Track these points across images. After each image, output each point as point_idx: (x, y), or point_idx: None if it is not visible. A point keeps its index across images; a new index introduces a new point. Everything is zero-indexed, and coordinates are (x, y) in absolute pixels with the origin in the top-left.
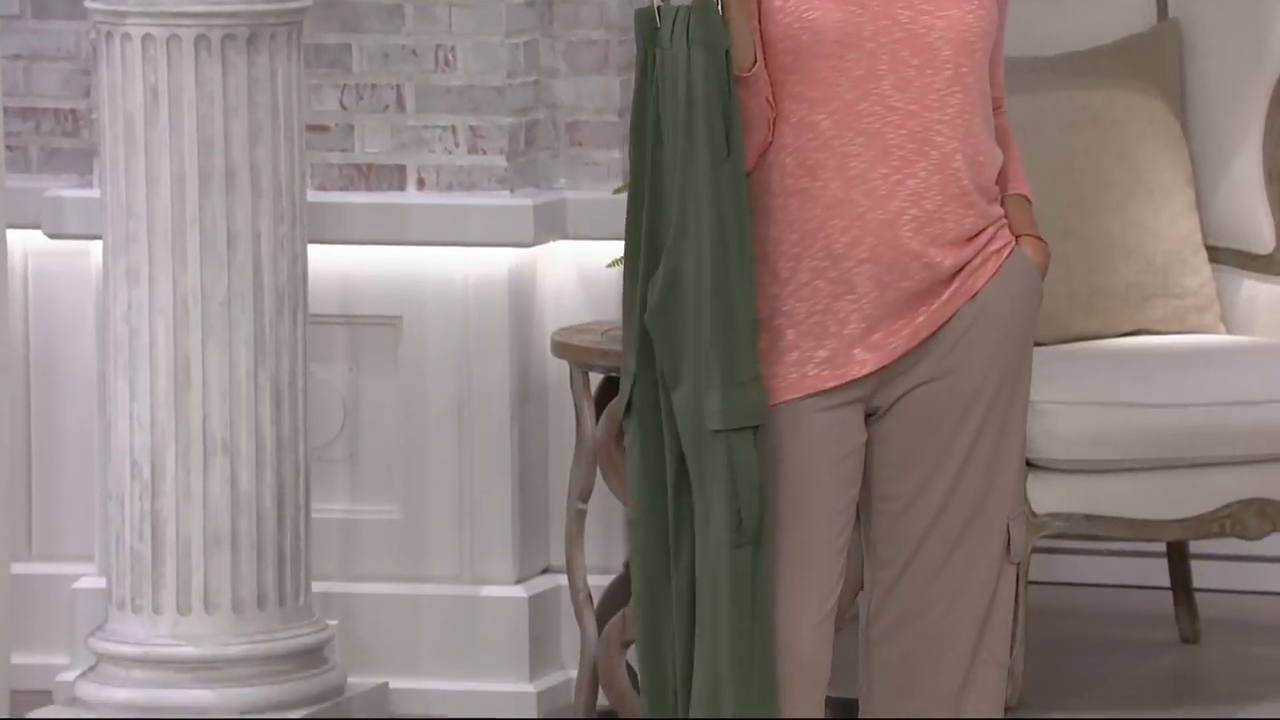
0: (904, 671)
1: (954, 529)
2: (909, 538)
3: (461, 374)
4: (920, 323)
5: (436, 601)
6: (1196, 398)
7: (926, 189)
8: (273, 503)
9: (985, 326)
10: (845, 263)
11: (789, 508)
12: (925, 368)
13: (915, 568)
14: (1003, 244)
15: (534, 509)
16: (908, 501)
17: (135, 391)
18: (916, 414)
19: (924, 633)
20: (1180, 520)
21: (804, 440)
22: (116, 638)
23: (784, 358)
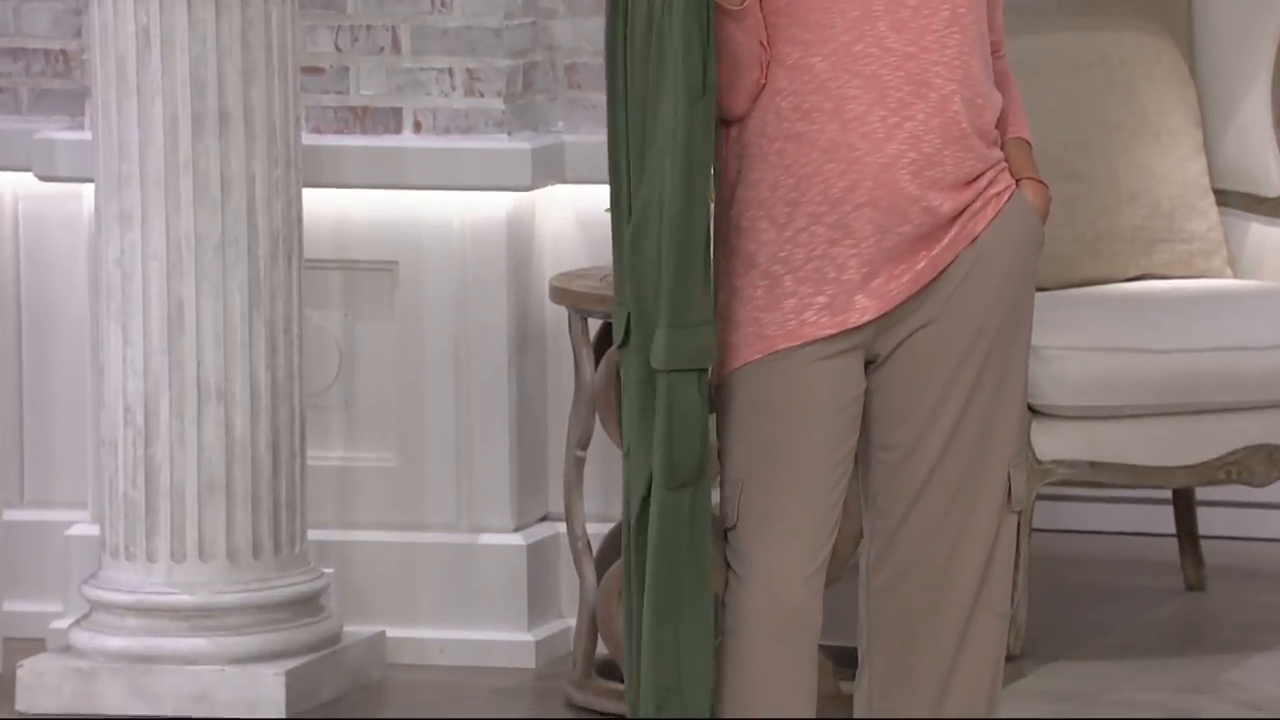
0: (904, 622)
1: (954, 477)
2: (909, 487)
3: (459, 320)
4: (920, 268)
5: (433, 549)
6: (1203, 343)
7: (925, 132)
8: (267, 449)
9: (985, 271)
10: (843, 207)
11: (784, 458)
12: (925, 312)
13: (915, 517)
14: (1003, 187)
15: (532, 456)
16: (907, 450)
17: (128, 337)
18: (916, 359)
19: (925, 583)
20: (1186, 467)
21: (803, 390)
22: (110, 585)
23: (782, 304)
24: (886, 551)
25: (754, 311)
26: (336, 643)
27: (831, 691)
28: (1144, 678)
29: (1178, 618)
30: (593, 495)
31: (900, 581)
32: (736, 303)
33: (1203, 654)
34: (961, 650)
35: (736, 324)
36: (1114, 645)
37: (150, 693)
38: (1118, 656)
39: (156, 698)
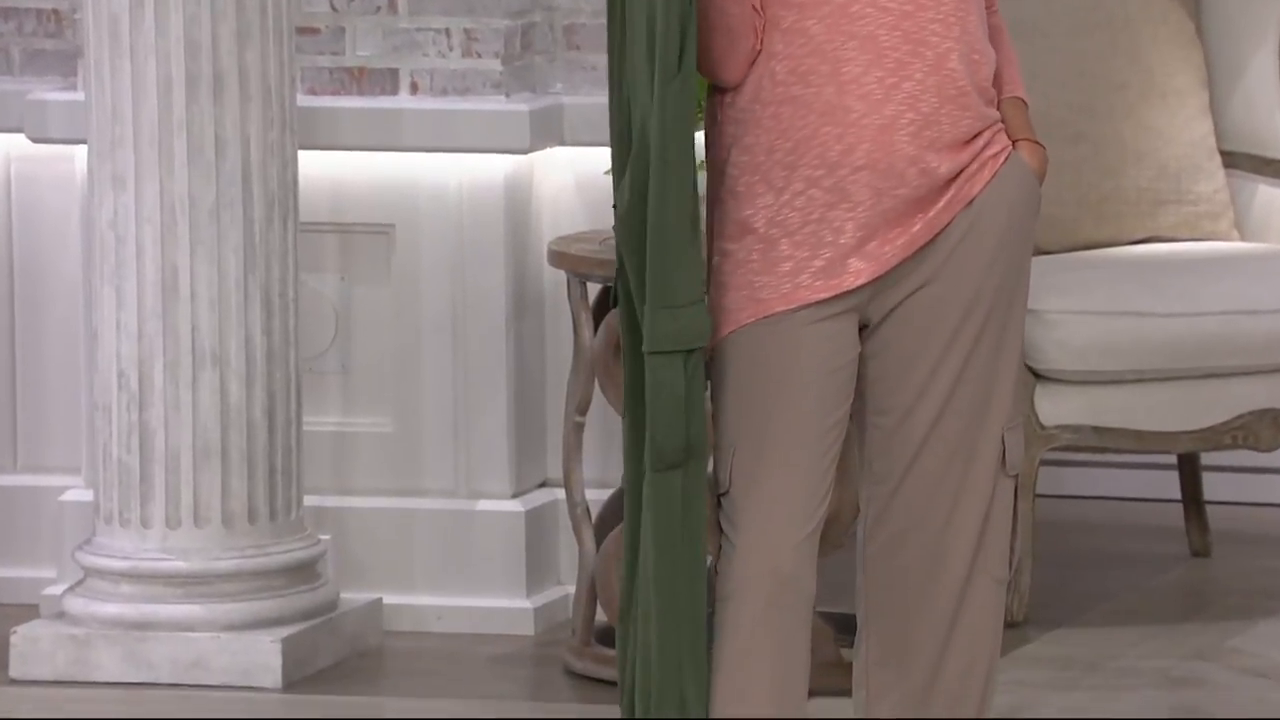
0: (901, 588)
1: (950, 440)
2: (905, 450)
3: (456, 283)
4: (916, 231)
5: (431, 516)
6: (1209, 306)
7: (922, 91)
8: (263, 415)
9: (982, 233)
10: (841, 170)
11: (778, 423)
12: (920, 275)
13: (911, 481)
14: (999, 148)
15: (530, 421)
16: (903, 414)
17: (122, 301)
18: (911, 323)
19: (921, 548)
20: (1191, 432)
21: (797, 353)
22: (104, 551)
23: (778, 268)
24: (883, 516)
25: (748, 275)
26: (333, 610)
27: (832, 659)
28: (1148, 644)
29: (1182, 584)
30: (592, 461)
31: (897, 547)
32: (730, 266)
33: (1208, 620)
34: (959, 616)
35: (730, 288)
36: (1118, 611)
37: (145, 660)
38: (1122, 623)
39: (151, 665)
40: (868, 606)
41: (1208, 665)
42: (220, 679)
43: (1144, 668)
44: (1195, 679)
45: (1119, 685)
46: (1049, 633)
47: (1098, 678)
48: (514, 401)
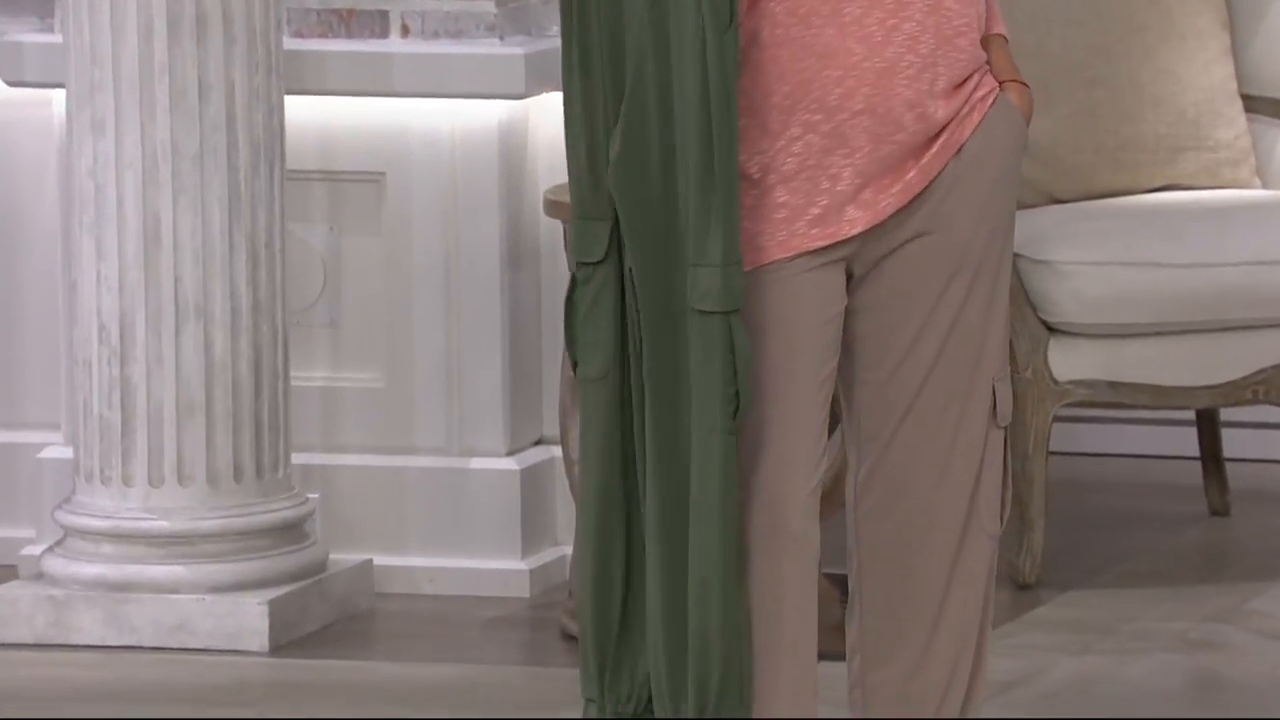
0: (895, 548)
1: (943, 394)
2: (897, 405)
3: (449, 234)
4: (911, 179)
5: (423, 474)
6: (1229, 256)
7: (921, 32)
8: (249, 370)
9: (972, 182)
10: (840, 115)
11: (775, 374)
12: (912, 226)
13: (902, 437)
14: (987, 90)
15: (526, 376)
16: (894, 367)
17: (102, 251)
18: (904, 272)
19: (914, 505)
20: (1210, 387)
21: (795, 302)
22: (84, 510)
23: (773, 215)
24: (874, 475)
25: (744, 223)
26: (322, 571)
27: (837, 622)
28: (1165, 607)
29: (1201, 544)
30: None
31: (889, 505)
32: None
33: (1227, 581)
34: (955, 572)
35: None
36: (1134, 573)
37: (127, 622)
38: (1137, 584)
39: (133, 628)
40: (861, 568)
41: (1226, 628)
42: (205, 642)
43: (1160, 631)
44: (1214, 642)
45: (1134, 649)
46: (1062, 595)
47: (1112, 641)
48: (509, 355)
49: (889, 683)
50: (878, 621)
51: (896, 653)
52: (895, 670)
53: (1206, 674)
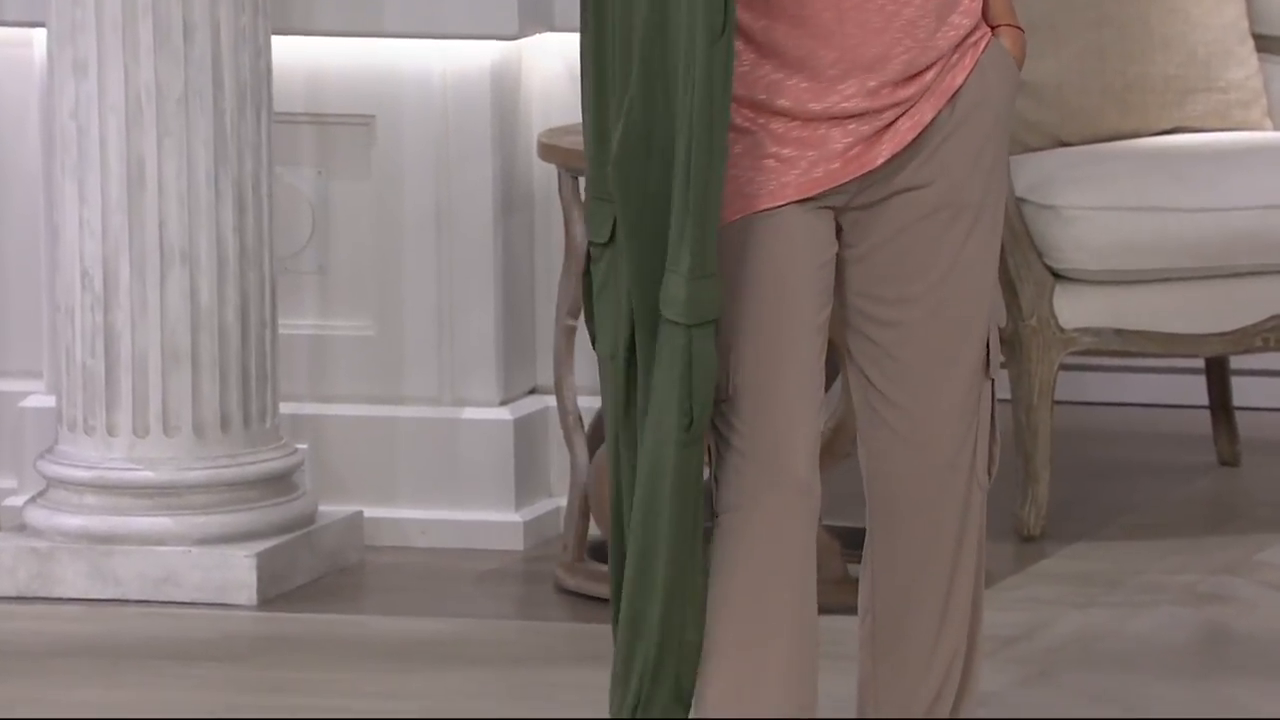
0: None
1: (942, 341)
2: (897, 355)
3: (440, 178)
4: (903, 130)
5: (414, 424)
6: (1240, 200)
7: (920, 16)
8: (236, 317)
9: (967, 132)
10: (831, 96)
11: (774, 320)
12: (906, 174)
13: (907, 389)
14: (979, 35)
15: (519, 325)
16: (893, 316)
17: (85, 195)
18: (898, 222)
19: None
20: (1220, 334)
21: (789, 245)
22: (67, 460)
23: (763, 164)
24: (881, 430)
25: (733, 171)
26: (311, 523)
27: (839, 575)
28: (1173, 559)
29: (1210, 495)
30: (584, 367)
31: (899, 462)
32: None
33: (1236, 533)
34: (964, 531)
35: None
36: (1141, 525)
37: (112, 575)
38: (1145, 536)
39: (118, 580)
40: (874, 528)
41: (1236, 580)
42: (192, 595)
43: (1168, 583)
44: (1222, 595)
45: (1141, 602)
46: (1068, 547)
47: (1119, 594)
48: (502, 303)
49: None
50: (892, 579)
51: (913, 609)
52: (915, 628)
53: (1215, 627)
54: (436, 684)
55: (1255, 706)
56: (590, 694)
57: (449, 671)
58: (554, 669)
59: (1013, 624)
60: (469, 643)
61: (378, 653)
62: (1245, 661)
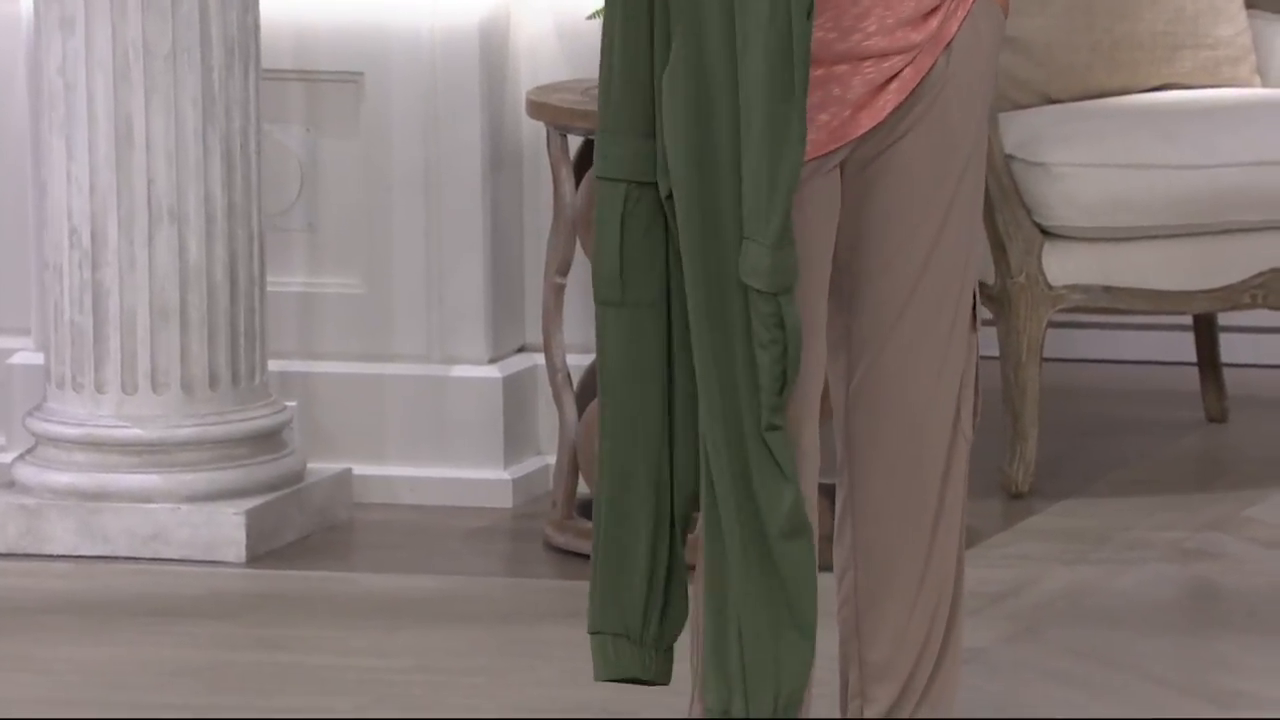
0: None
1: (936, 292)
2: (891, 306)
3: (429, 136)
4: (906, 76)
5: (403, 382)
6: (1228, 157)
7: None
8: (224, 275)
9: (960, 80)
10: (854, 35)
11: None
12: (903, 125)
13: (897, 339)
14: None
15: (508, 283)
16: (889, 268)
17: (73, 152)
18: (892, 174)
19: (911, 410)
20: (1208, 291)
21: (813, 203)
22: (56, 418)
23: None
24: (868, 382)
25: None
26: (300, 481)
27: (826, 532)
28: (1161, 515)
29: (1197, 451)
30: (573, 325)
31: (885, 413)
32: None
33: (1224, 489)
34: (946, 479)
35: None
36: (1129, 481)
37: (101, 532)
38: (1133, 493)
39: (107, 537)
40: (854, 481)
41: (1223, 537)
42: (180, 553)
43: (1156, 540)
44: (1210, 551)
45: (1129, 558)
46: (1056, 504)
47: (1106, 551)
48: (490, 261)
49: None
50: (875, 533)
51: (897, 562)
52: (898, 581)
53: (1202, 583)
54: (425, 640)
55: (1241, 662)
56: (578, 650)
57: (437, 628)
58: (542, 625)
59: (1000, 581)
60: (457, 599)
61: (366, 609)
62: (1232, 618)
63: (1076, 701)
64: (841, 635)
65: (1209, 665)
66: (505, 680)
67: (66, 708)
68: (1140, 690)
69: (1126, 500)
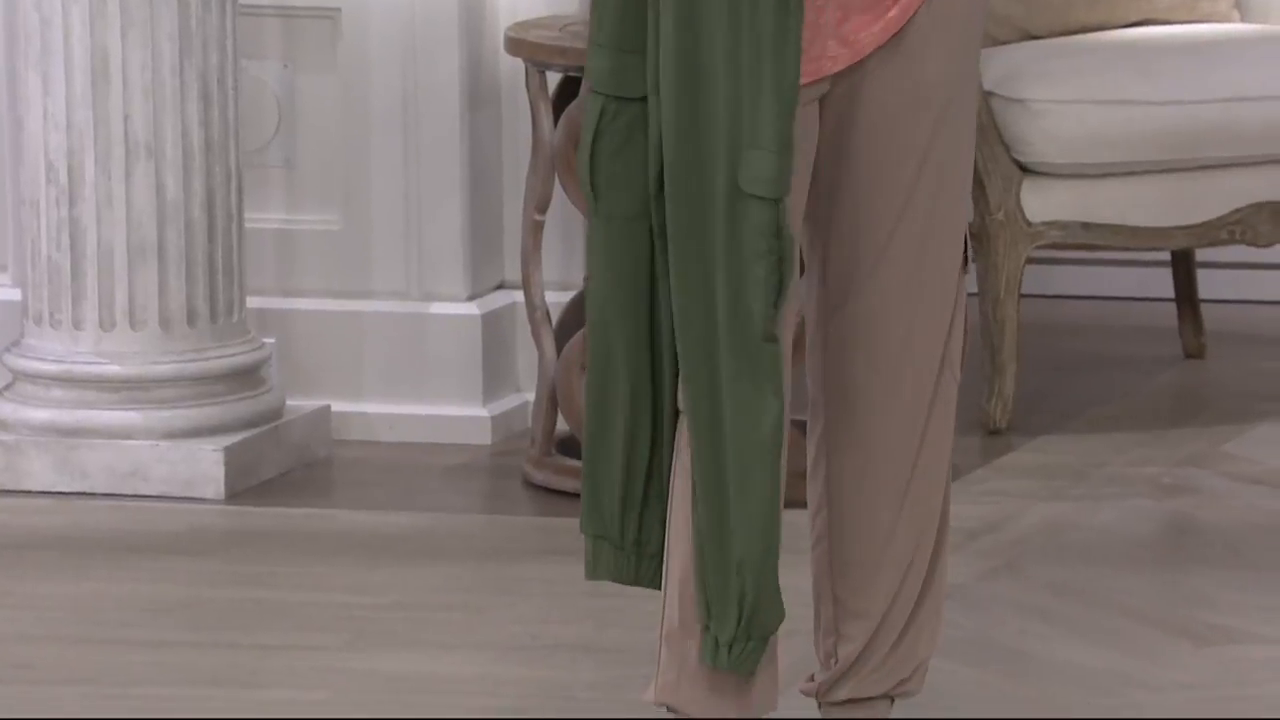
0: (869, 393)
1: (917, 232)
2: (871, 246)
3: (407, 72)
4: (891, 16)
5: (382, 319)
6: (1206, 93)
7: None
8: (202, 211)
9: (948, 18)
10: None
11: None
12: (888, 65)
13: (878, 278)
14: None
15: (487, 220)
16: (868, 207)
17: (49, 88)
18: (877, 112)
19: (889, 350)
20: (1186, 227)
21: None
22: (34, 354)
23: None
24: (846, 320)
25: None
26: (278, 418)
27: (801, 468)
28: (1138, 451)
29: (1175, 387)
30: (551, 262)
31: (862, 351)
32: None
33: (1201, 425)
34: (930, 418)
35: None
36: (1107, 417)
37: (79, 468)
38: (1111, 429)
39: (85, 474)
40: (829, 420)
41: (1200, 472)
42: (159, 489)
43: (1133, 476)
44: (1187, 487)
45: (1106, 494)
46: (1033, 440)
47: (1084, 487)
48: (469, 198)
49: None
50: (850, 472)
51: (871, 500)
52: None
53: (1179, 519)
54: (403, 577)
55: (1218, 596)
56: (558, 586)
57: (416, 565)
58: (521, 562)
59: (978, 517)
60: (436, 536)
61: (345, 546)
62: (1209, 553)
63: (1054, 636)
64: (814, 572)
65: (1186, 600)
66: (484, 616)
67: (45, 643)
68: (1118, 625)
69: (1104, 436)
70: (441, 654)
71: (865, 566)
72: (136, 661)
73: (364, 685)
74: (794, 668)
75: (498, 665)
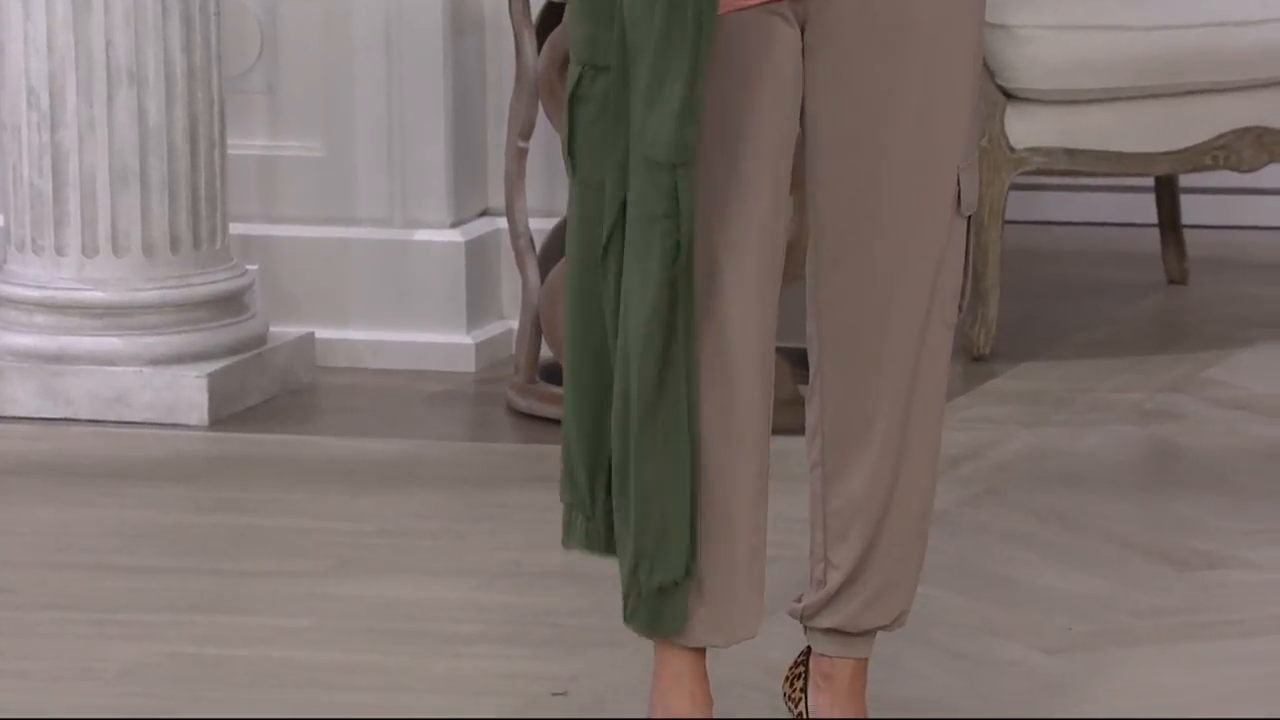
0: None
1: (904, 173)
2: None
3: None
4: None
5: (365, 246)
6: (1189, 18)
7: None
8: (184, 138)
9: None
10: None
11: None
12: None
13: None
14: None
15: (470, 146)
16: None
17: (29, 11)
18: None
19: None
20: (1169, 153)
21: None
22: (16, 280)
23: None
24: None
25: None
26: (262, 344)
27: (790, 396)
28: (1121, 377)
29: (1158, 313)
30: (535, 189)
31: (850, 292)
32: None
33: (1184, 351)
34: (919, 361)
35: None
36: (1090, 343)
37: (62, 395)
38: (1094, 355)
39: (69, 400)
40: (822, 354)
41: (1183, 398)
42: (143, 415)
43: (1116, 401)
44: (1169, 412)
45: (1089, 420)
46: (1016, 366)
47: (1067, 412)
48: (452, 125)
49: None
50: (841, 399)
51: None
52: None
53: (1162, 444)
54: (388, 504)
55: (1201, 522)
56: (541, 513)
57: (400, 492)
58: (505, 489)
59: (961, 443)
60: (420, 463)
61: (329, 473)
62: (1191, 478)
63: (1037, 563)
64: (811, 497)
65: (1169, 525)
66: (468, 543)
67: (27, 568)
68: (1101, 551)
69: (1087, 362)
70: (425, 580)
71: (851, 493)
72: (119, 587)
73: (347, 611)
74: (777, 593)
75: (481, 591)
